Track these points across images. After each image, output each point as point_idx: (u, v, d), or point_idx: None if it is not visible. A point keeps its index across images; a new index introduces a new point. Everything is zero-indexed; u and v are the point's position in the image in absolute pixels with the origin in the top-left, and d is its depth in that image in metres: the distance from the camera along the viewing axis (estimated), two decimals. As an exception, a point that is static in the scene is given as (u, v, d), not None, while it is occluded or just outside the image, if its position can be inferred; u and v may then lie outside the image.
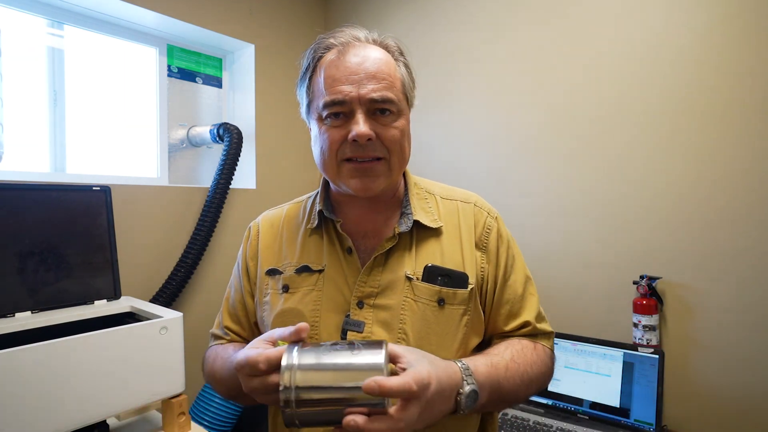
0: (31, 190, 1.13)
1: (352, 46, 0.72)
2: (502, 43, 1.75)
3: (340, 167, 0.73)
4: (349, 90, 0.69)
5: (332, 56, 0.72)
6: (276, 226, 0.86)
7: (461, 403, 0.59)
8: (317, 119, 0.74)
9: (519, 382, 0.70)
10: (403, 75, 0.75)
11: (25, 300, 1.07)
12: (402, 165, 0.76)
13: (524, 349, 0.75)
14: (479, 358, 0.68)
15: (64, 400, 0.92)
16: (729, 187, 1.31)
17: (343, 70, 0.70)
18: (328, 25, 2.34)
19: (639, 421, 1.32)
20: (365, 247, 0.78)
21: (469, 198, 0.84)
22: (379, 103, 0.70)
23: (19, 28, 1.55)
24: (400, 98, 0.73)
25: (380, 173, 0.72)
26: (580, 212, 1.57)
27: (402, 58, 0.77)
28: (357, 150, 0.70)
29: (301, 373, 0.52)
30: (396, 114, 0.72)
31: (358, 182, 0.72)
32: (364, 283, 0.74)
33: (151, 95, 1.89)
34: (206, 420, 1.60)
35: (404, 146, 0.74)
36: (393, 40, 0.77)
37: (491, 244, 0.79)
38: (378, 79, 0.70)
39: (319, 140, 0.74)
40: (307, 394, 0.52)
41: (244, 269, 0.86)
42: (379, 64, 0.71)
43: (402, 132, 0.73)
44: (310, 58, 0.75)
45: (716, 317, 1.33)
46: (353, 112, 0.70)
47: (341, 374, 0.52)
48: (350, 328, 0.72)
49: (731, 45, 1.30)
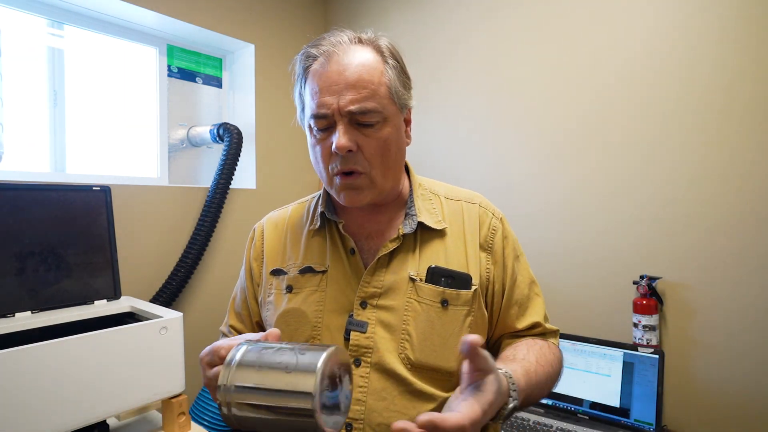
0: (31, 190, 1.13)
1: (335, 54, 0.70)
2: (507, 42, 1.74)
3: (332, 180, 0.74)
4: (331, 102, 0.68)
5: (317, 66, 0.72)
6: (280, 227, 0.87)
7: (501, 415, 0.59)
8: (308, 128, 0.74)
9: (543, 385, 0.71)
10: (390, 79, 0.72)
11: (25, 300, 1.07)
12: (387, 174, 0.74)
13: (543, 349, 0.75)
14: (517, 368, 0.66)
15: (64, 400, 0.92)
16: (729, 187, 1.31)
17: (325, 79, 0.69)
18: (329, 25, 2.34)
19: (639, 421, 1.32)
20: (368, 247, 0.78)
21: (473, 198, 0.83)
22: (359, 114, 0.68)
23: (19, 28, 1.55)
24: (385, 104, 0.70)
25: (363, 186, 0.72)
26: (579, 212, 1.57)
27: (392, 60, 0.73)
28: (341, 163, 0.71)
29: (238, 370, 0.48)
30: (381, 123, 0.70)
31: (345, 195, 0.73)
32: (368, 284, 0.74)
33: (151, 95, 1.89)
34: (206, 420, 1.59)
35: (388, 156, 0.72)
36: (386, 40, 0.75)
37: (497, 245, 0.79)
38: (358, 89, 0.68)
39: (312, 152, 0.75)
40: (241, 395, 0.47)
41: (247, 270, 0.87)
42: (360, 72, 0.69)
43: (385, 142, 0.71)
44: (299, 67, 0.75)
45: (716, 317, 1.33)
46: (335, 123, 0.69)
47: (274, 375, 0.47)
48: (353, 328, 0.72)
49: (740, 43, 1.30)
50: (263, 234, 0.87)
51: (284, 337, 0.76)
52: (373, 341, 0.71)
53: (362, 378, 0.71)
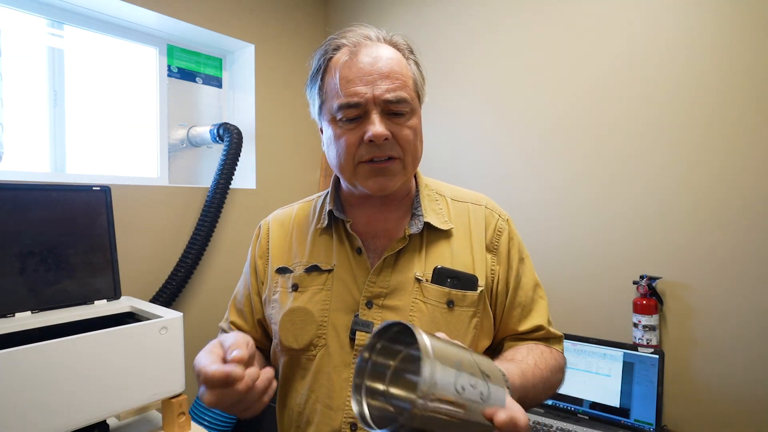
0: (31, 190, 1.13)
1: (364, 45, 0.72)
2: (504, 42, 1.74)
3: (356, 169, 0.73)
4: (364, 91, 0.69)
5: (344, 57, 0.71)
6: (286, 225, 0.86)
7: None
8: (330, 120, 0.73)
9: (541, 389, 0.70)
10: (414, 73, 0.75)
11: (26, 300, 1.07)
12: (415, 164, 0.76)
13: (543, 353, 0.75)
14: (513, 368, 0.65)
15: (64, 400, 0.92)
16: (729, 187, 1.31)
17: (356, 71, 0.70)
18: (329, 25, 2.34)
19: (639, 421, 1.32)
20: (375, 247, 0.78)
21: (479, 200, 0.83)
22: (394, 103, 0.69)
23: (19, 28, 1.55)
24: (413, 97, 0.73)
25: (396, 172, 0.73)
26: (579, 212, 1.57)
27: (412, 56, 0.77)
28: (373, 150, 0.70)
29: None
30: (410, 113, 0.72)
31: (374, 182, 0.72)
32: (374, 284, 0.74)
33: (151, 95, 1.89)
34: (206, 420, 1.60)
35: (417, 146, 0.75)
36: (402, 38, 0.77)
37: (502, 246, 0.79)
38: (392, 79, 0.70)
39: (335, 144, 0.73)
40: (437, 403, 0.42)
41: (252, 267, 0.87)
42: (392, 64, 0.71)
43: (415, 132, 0.73)
44: (320, 58, 0.75)
45: (716, 317, 1.33)
46: (368, 113, 0.69)
47: (470, 397, 0.44)
48: (359, 328, 0.72)
49: (737, 41, 1.30)
50: (269, 231, 0.87)
51: (289, 336, 0.76)
52: None
53: None
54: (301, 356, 0.76)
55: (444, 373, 0.43)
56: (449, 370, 0.43)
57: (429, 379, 0.41)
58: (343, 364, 0.72)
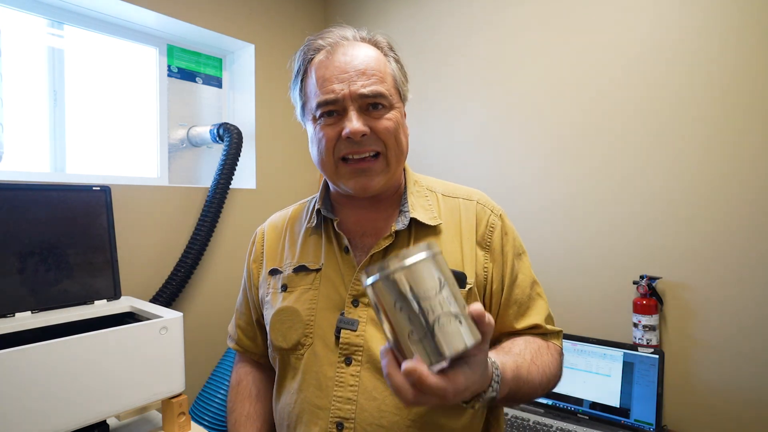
0: (31, 190, 1.13)
1: (341, 45, 0.73)
2: (503, 42, 1.74)
3: (338, 167, 0.73)
4: (340, 88, 0.69)
5: (322, 57, 0.73)
6: (279, 228, 0.88)
7: (477, 401, 0.56)
8: (312, 120, 0.74)
9: (535, 385, 0.69)
10: (393, 70, 0.75)
11: (25, 300, 1.06)
12: (400, 158, 0.75)
13: (540, 349, 0.74)
14: (507, 360, 0.65)
15: (64, 400, 0.92)
16: (730, 187, 1.31)
17: (333, 69, 0.71)
18: (328, 25, 2.33)
19: (639, 421, 1.32)
20: (363, 245, 0.78)
21: (471, 195, 0.82)
22: (370, 98, 0.70)
23: (19, 28, 1.55)
24: (392, 92, 0.73)
25: (378, 171, 0.73)
26: (579, 212, 1.57)
27: (392, 53, 0.77)
28: (352, 146, 0.71)
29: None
30: (388, 107, 0.72)
31: (356, 182, 0.73)
32: (359, 282, 0.74)
33: (151, 95, 1.89)
34: (206, 420, 1.59)
35: (400, 138, 0.74)
36: (382, 36, 0.78)
37: (495, 242, 0.78)
38: (368, 75, 0.70)
39: (315, 140, 0.74)
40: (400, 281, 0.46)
41: (247, 272, 0.89)
42: (368, 61, 0.72)
43: (396, 124, 0.73)
44: (300, 60, 0.76)
45: (716, 317, 1.33)
46: (346, 109, 0.70)
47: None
48: (344, 326, 0.72)
49: (742, 44, 1.30)
50: (264, 236, 0.89)
51: (278, 336, 0.77)
52: (363, 339, 0.71)
53: (353, 377, 0.70)
54: (291, 356, 0.76)
55: (433, 272, 0.46)
56: (440, 275, 0.47)
57: (419, 259, 0.46)
58: (328, 363, 0.72)
